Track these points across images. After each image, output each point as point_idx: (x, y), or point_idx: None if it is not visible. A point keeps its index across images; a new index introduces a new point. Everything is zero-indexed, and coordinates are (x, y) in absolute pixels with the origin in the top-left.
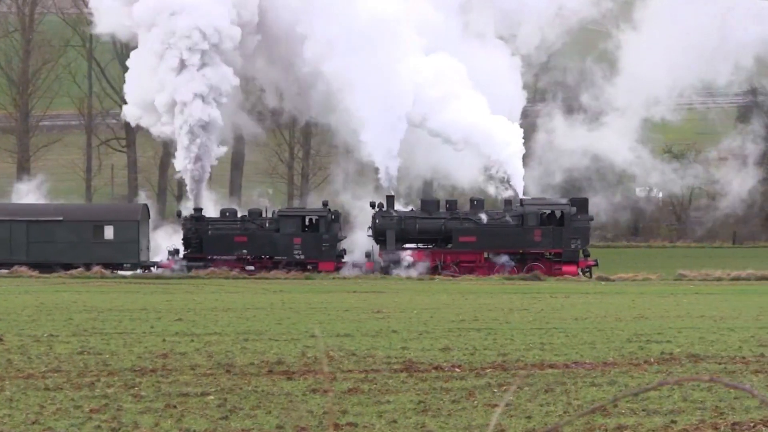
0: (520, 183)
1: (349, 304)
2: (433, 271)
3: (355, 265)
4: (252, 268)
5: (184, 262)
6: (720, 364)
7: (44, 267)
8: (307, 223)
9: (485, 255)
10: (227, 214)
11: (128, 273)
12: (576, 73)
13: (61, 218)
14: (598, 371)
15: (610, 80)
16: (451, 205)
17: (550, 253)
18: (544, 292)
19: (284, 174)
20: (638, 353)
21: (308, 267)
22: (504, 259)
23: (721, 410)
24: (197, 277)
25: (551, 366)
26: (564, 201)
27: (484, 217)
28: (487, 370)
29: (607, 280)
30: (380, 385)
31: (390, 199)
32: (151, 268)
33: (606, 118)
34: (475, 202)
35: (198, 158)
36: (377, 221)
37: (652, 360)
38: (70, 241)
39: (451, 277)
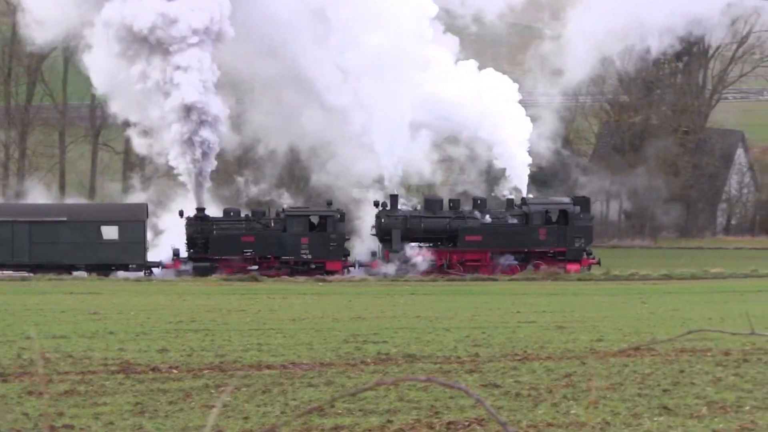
0: (525, 181)
1: (66, 305)
2: (439, 270)
3: (361, 265)
4: (255, 267)
5: (191, 263)
6: (436, 363)
7: (47, 269)
8: (313, 222)
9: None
10: (231, 214)
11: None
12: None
13: (65, 218)
14: (316, 372)
15: None
16: (455, 204)
17: (552, 252)
18: (262, 293)
19: None
20: (355, 353)
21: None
22: (509, 258)
23: (437, 409)
24: None
25: (268, 367)
26: (567, 200)
27: (488, 216)
28: (205, 371)
29: (324, 281)
30: (97, 387)
31: (394, 199)
32: (153, 270)
33: None
34: (479, 201)
35: (201, 155)
36: (382, 220)
37: (368, 360)
38: (74, 241)
39: (458, 277)
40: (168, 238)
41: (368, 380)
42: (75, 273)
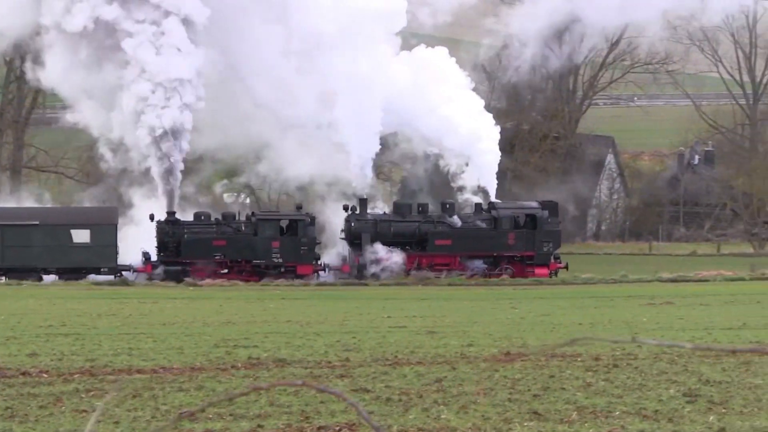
0: (493, 186)
1: None
2: (408, 273)
3: (331, 269)
4: (226, 271)
5: (162, 267)
6: (306, 368)
7: (20, 272)
8: (283, 226)
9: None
10: (202, 218)
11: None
12: None
13: (37, 222)
14: (186, 376)
15: None
16: (423, 208)
17: (520, 256)
18: (132, 297)
19: None
20: (226, 358)
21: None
22: (477, 262)
23: (308, 414)
24: None
25: (139, 371)
26: (535, 204)
27: (458, 220)
28: (75, 376)
29: (195, 285)
30: None
31: (363, 202)
32: (123, 273)
33: None
34: (447, 206)
35: (171, 157)
36: (352, 224)
37: (239, 365)
38: (46, 245)
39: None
40: (136, 242)
41: (239, 385)
42: (45, 277)
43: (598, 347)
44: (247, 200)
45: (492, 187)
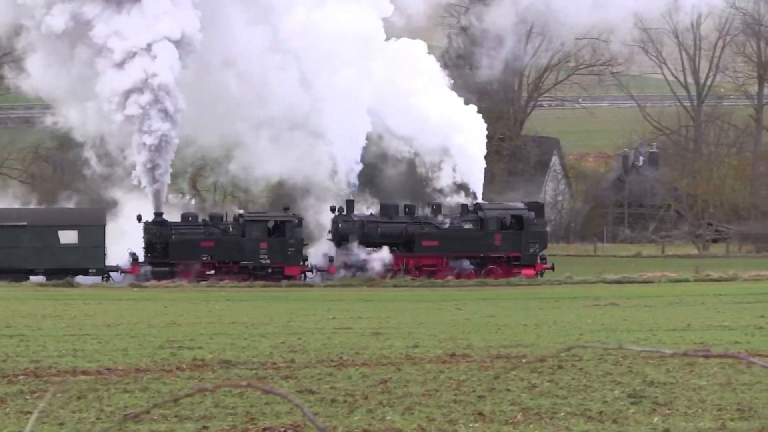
0: (480, 187)
1: None
2: (395, 274)
3: (318, 270)
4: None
5: (149, 268)
6: (252, 369)
7: (8, 273)
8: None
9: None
10: (189, 219)
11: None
12: None
13: (25, 223)
14: (131, 377)
15: None
16: (410, 209)
17: (507, 257)
18: (77, 298)
19: None
20: (171, 359)
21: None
22: (464, 263)
23: (253, 415)
24: None
25: (84, 372)
26: (521, 206)
27: (446, 221)
28: (20, 377)
29: (139, 286)
30: None
31: (350, 204)
32: (110, 274)
33: None
34: (434, 207)
35: (159, 157)
36: (339, 225)
37: (184, 366)
38: (34, 246)
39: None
40: (123, 243)
41: (184, 386)
42: (32, 278)
43: (543, 348)
44: (192, 201)
45: (479, 187)
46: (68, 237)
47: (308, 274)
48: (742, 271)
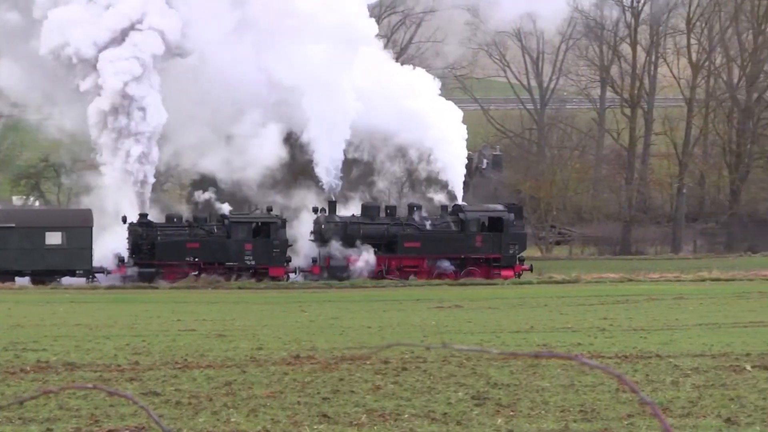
0: (460, 188)
1: None
2: (378, 275)
3: (301, 271)
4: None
5: (136, 269)
6: (96, 372)
7: None
8: (256, 228)
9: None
10: (174, 220)
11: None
12: None
13: (13, 225)
14: None
15: None
16: (391, 210)
17: (486, 258)
18: None
19: None
20: (14, 361)
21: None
22: (446, 264)
23: (97, 417)
24: None
25: None
26: (501, 207)
27: (427, 223)
28: None
29: None
30: None
31: (332, 205)
32: (96, 275)
33: None
34: (415, 208)
35: (143, 158)
36: (322, 226)
37: (28, 368)
38: (22, 247)
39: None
40: (105, 244)
41: (28, 388)
42: (18, 279)
43: (386, 351)
44: (37, 203)
45: (459, 187)
46: (55, 238)
47: (291, 274)
48: (585, 273)
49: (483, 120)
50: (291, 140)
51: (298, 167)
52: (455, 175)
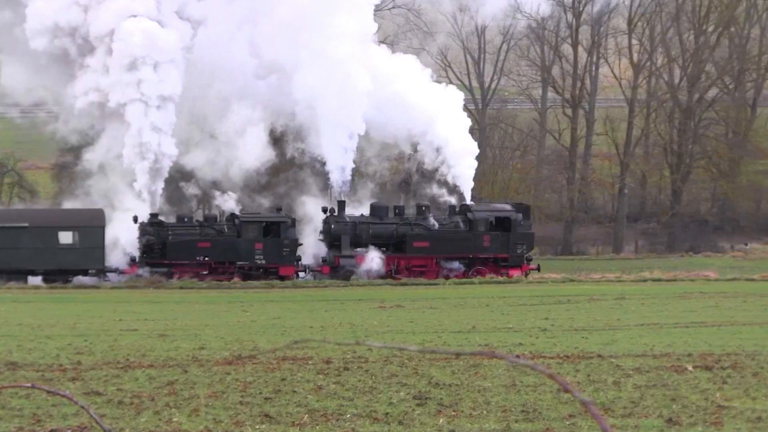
0: (468, 188)
1: None
2: (388, 274)
3: (311, 270)
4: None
5: (147, 269)
6: (38, 371)
7: (8, 274)
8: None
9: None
10: (185, 220)
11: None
12: None
13: (26, 224)
14: None
15: None
16: (400, 210)
17: (494, 258)
18: None
19: None
20: None
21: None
22: (455, 264)
23: (39, 417)
24: None
25: None
26: (509, 207)
27: (435, 223)
28: None
29: None
30: None
31: (341, 204)
32: (107, 275)
33: None
34: (423, 208)
35: (156, 157)
36: (332, 226)
37: None
38: (35, 247)
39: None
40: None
41: None
42: (31, 279)
43: (329, 350)
44: None
45: (467, 187)
46: (68, 238)
47: (301, 274)
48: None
49: None
50: (283, 138)
51: (284, 166)
52: (465, 173)
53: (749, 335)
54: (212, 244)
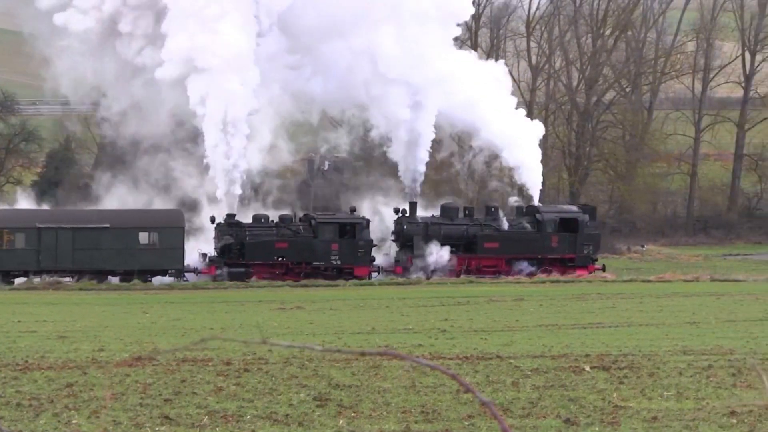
0: (537, 189)
1: None
2: (458, 274)
3: (384, 270)
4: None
5: (226, 269)
6: None
7: (89, 274)
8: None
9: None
10: (262, 221)
11: None
12: None
13: (107, 225)
14: None
15: None
16: (470, 211)
17: (562, 258)
18: None
19: None
20: None
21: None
22: (524, 264)
23: None
24: None
25: None
26: (575, 209)
27: (505, 223)
28: None
29: None
30: None
31: (413, 205)
32: (185, 275)
33: None
34: (492, 209)
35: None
36: (405, 227)
37: None
38: (115, 248)
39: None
40: (195, 244)
41: None
42: (110, 278)
43: (229, 351)
44: None
45: (536, 189)
46: (148, 238)
47: (374, 274)
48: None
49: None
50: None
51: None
52: (533, 175)
53: (645, 336)
54: (289, 244)
